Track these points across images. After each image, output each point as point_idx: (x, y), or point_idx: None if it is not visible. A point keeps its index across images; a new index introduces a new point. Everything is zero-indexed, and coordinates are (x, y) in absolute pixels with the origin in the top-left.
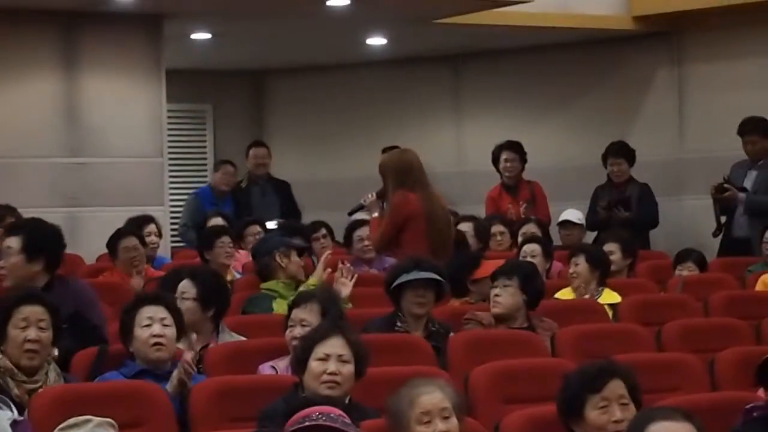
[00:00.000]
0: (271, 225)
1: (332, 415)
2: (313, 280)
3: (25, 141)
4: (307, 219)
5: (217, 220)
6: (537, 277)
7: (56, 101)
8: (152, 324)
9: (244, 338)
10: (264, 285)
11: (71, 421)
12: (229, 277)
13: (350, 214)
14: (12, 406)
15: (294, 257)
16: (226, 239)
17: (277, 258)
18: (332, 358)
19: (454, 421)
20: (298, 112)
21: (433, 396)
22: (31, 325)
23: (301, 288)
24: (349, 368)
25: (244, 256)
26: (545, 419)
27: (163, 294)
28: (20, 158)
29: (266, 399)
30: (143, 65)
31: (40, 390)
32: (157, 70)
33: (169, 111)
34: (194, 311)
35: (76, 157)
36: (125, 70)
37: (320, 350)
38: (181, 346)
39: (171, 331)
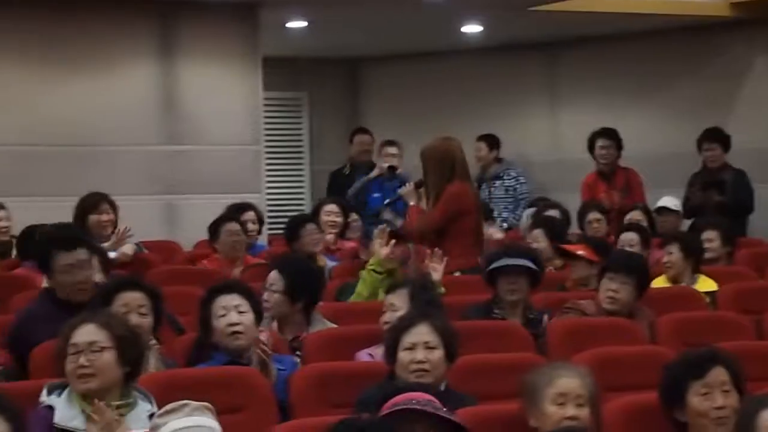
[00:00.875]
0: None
1: (422, 400)
2: (372, 260)
3: (123, 129)
4: None
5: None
6: (648, 272)
7: (154, 89)
8: (227, 313)
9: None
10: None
11: (169, 407)
12: (321, 263)
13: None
14: (152, 400)
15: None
16: (311, 227)
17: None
18: (419, 346)
19: (586, 410)
20: (393, 99)
21: (572, 380)
22: (131, 311)
23: (363, 271)
24: (437, 354)
25: (347, 243)
26: (647, 407)
27: (235, 281)
28: (118, 146)
29: (364, 386)
30: (240, 53)
31: (142, 375)
32: (254, 58)
33: (265, 99)
34: (282, 304)
35: (174, 144)
36: (222, 59)
37: (407, 340)
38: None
39: (248, 318)
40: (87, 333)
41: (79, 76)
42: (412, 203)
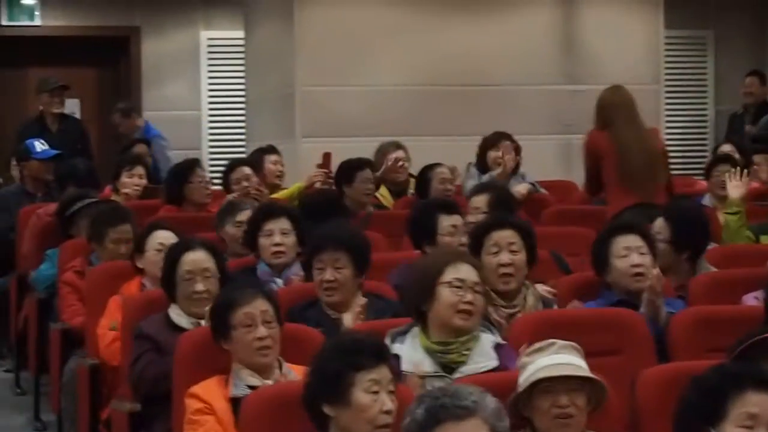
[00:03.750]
0: None
1: None
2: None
3: (524, 68)
4: None
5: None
6: None
7: (554, 29)
8: (629, 255)
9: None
10: None
11: (536, 345)
12: None
13: None
14: (493, 329)
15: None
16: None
17: None
18: None
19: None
20: None
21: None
22: (502, 249)
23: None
24: None
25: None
26: None
27: (638, 223)
28: (518, 85)
29: (746, 330)
30: None
31: (519, 314)
32: None
33: (667, 37)
34: (667, 254)
35: (573, 84)
36: None
37: None
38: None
39: (648, 260)
40: (470, 272)
41: (480, 16)
42: None
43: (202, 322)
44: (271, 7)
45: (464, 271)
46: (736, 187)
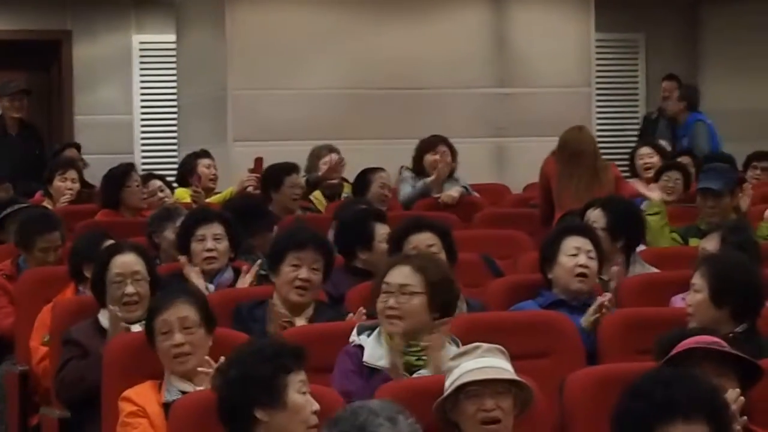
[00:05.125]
0: None
1: (708, 341)
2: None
3: (456, 71)
4: (739, 150)
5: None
6: None
7: (485, 32)
8: (578, 255)
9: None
10: None
11: (461, 349)
12: None
13: None
14: (458, 341)
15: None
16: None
17: None
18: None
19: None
20: (733, 40)
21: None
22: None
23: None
24: (698, 297)
25: None
26: None
27: (587, 225)
28: (450, 88)
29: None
30: None
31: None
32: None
33: (598, 40)
34: (603, 241)
35: (504, 87)
36: (554, 0)
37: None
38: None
39: (595, 264)
40: (401, 275)
41: (412, 20)
42: None
43: (133, 328)
44: (202, 10)
45: (393, 276)
46: (655, 188)
